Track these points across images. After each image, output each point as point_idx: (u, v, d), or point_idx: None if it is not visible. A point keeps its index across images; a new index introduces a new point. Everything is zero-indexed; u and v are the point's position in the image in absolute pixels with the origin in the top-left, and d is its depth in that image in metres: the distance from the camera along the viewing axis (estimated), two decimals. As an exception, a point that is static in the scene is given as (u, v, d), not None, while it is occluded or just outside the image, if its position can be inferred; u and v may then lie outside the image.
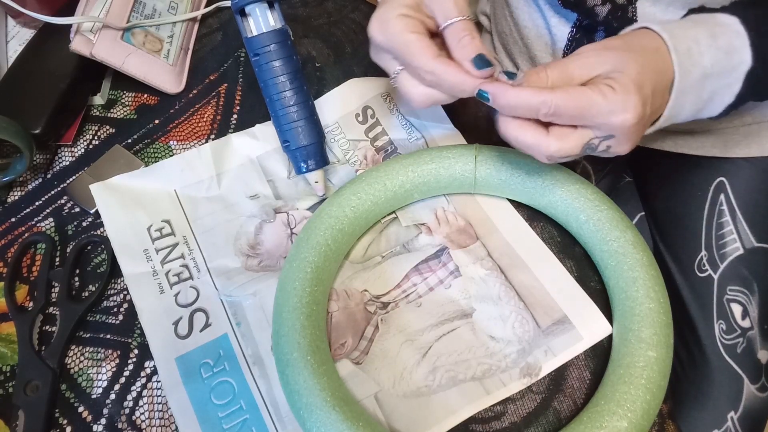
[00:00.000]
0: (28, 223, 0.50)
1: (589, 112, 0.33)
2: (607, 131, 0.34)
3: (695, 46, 0.36)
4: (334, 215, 0.44)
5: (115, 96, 0.57)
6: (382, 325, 0.43)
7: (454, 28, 0.37)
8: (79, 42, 0.52)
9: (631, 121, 0.33)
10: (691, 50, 0.36)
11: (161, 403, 0.41)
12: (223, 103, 0.56)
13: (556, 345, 0.42)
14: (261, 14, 0.46)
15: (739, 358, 0.52)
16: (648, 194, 0.63)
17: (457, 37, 0.37)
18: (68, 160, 0.53)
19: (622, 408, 0.36)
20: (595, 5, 0.45)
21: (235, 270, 0.46)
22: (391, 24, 0.38)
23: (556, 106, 0.33)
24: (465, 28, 0.37)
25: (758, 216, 0.54)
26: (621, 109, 0.33)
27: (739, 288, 0.53)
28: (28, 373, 0.42)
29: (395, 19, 0.38)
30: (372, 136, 0.52)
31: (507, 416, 0.40)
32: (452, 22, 0.37)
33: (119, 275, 0.46)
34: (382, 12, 0.39)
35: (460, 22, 0.37)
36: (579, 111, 0.34)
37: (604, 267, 0.44)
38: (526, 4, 0.53)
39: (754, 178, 0.54)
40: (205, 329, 0.43)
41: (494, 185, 0.46)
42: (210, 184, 0.50)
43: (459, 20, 0.37)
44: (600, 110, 0.33)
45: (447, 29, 0.38)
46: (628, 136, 0.35)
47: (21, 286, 0.47)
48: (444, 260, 0.46)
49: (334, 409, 0.36)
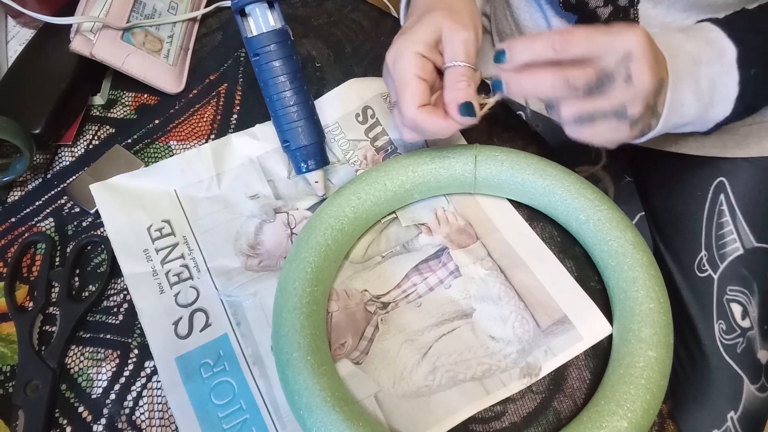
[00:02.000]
0: (28, 223, 0.50)
1: (597, 34, 0.34)
2: (622, 51, 0.34)
3: (673, 39, 0.37)
4: (334, 215, 0.44)
5: (115, 96, 0.57)
6: (382, 325, 0.43)
7: (455, 70, 0.39)
8: (79, 42, 0.52)
9: (642, 33, 0.33)
10: (669, 41, 0.37)
11: (161, 403, 0.41)
12: (223, 103, 0.56)
13: (556, 345, 0.42)
14: (261, 14, 0.46)
15: (738, 358, 0.52)
16: (648, 194, 0.63)
17: (455, 79, 0.39)
18: (68, 160, 0.53)
19: (622, 408, 0.36)
20: (597, 7, 0.45)
21: (235, 270, 0.46)
22: (403, 59, 0.39)
23: (566, 34, 0.33)
24: (465, 74, 0.39)
25: (758, 216, 0.54)
26: (628, 28, 0.34)
27: (739, 288, 0.53)
28: (28, 373, 0.42)
29: (409, 55, 0.39)
30: (372, 136, 0.52)
31: (507, 416, 0.40)
32: (456, 65, 0.39)
33: (119, 275, 0.46)
34: (401, 41, 0.40)
35: (463, 68, 0.39)
36: (588, 34, 0.34)
37: (604, 267, 0.44)
38: (527, 3, 0.53)
39: (754, 178, 0.54)
40: (205, 329, 0.43)
41: (494, 185, 0.46)
42: (210, 184, 0.50)
43: (463, 65, 0.39)
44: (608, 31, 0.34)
45: (449, 69, 0.40)
46: (646, 56, 0.34)
47: (21, 286, 0.47)
48: (444, 260, 0.46)
49: (334, 409, 0.36)
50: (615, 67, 0.34)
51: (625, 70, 0.34)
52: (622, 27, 0.34)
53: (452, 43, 0.40)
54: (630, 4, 0.44)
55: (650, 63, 0.34)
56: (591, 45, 0.34)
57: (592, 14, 0.46)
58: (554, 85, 0.34)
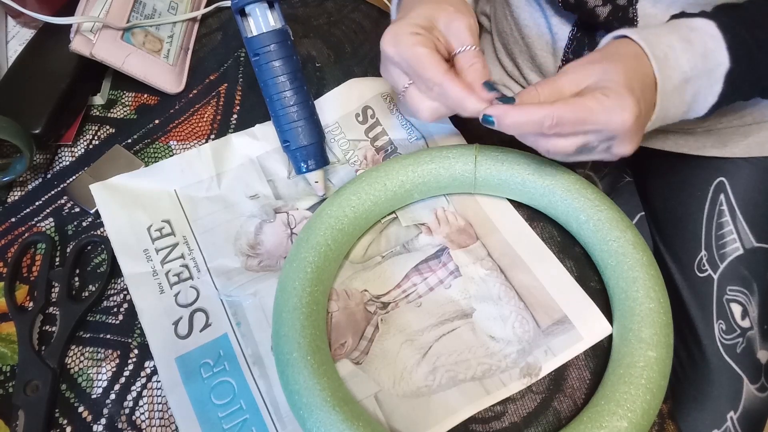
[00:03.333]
0: (28, 223, 0.50)
1: (590, 119, 0.35)
2: (608, 134, 0.36)
3: (671, 52, 0.38)
4: (334, 215, 0.44)
5: (115, 96, 0.57)
6: (382, 325, 0.43)
7: (467, 54, 0.40)
8: (79, 42, 0.52)
9: (629, 119, 0.35)
10: (668, 56, 0.38)
11: (161, 403, 0.41)
12: (223, 103, 0.56)
13: (556, 345, 0.42)
14: (261, 14, 0.46)
15: (738, 358, 0.52)
16: (648, 194, 0.63)
17: (469, 62, 0.40)
18: (68, 160, 0.53)
19: (622, 408, 0.36)
20: (596, 6, 0.45)
21: (235, 270, 0.46)
22: (404, 38, 0.40)
23: (559, 117, 0.35)
24: (477, 56, 0.40)
25: (758, 216, 0.54)
26: (619, 110, 0.35)
27: (739, 288, 0.53)
28: (28, 373, 0.42)
29: (409, 35, 0.40)
30: (372, 136, 0.52)
31: (507, 416, 0.40)
32: (467, 48, 0.40)
33: (119, 275, 0.46)
34: (395, 27, 0.41)
35: (473, 50, 0.40)
36: (580, 118, 0.35)
37: (604, 267, 0.44)
38: (527, 3, 0.53)
39: (754, 178, 0.54)
40: (205, 329, 0.43)
41: (494, 185, 0.46)
42: (210, 184, 0.50)
43: (472, 48, 0.40)
44: (599, 115, 0.35)
45: (460, 54, 0.40)
46: (629, 136, 0.36)
47: (21, 286, 0.47)
48: (444, 260, 0.46)
49: (334, 409, 0.36)
50: (598, 144, 0.37)
51: (606, 143, 0.37)
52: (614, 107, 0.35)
53: (456, 29, 0.40)
54: (629, 4, 0.44)
55: (633, 143, 0.37)
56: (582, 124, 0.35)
57: (591, 13, 0.46)
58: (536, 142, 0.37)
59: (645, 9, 0.44)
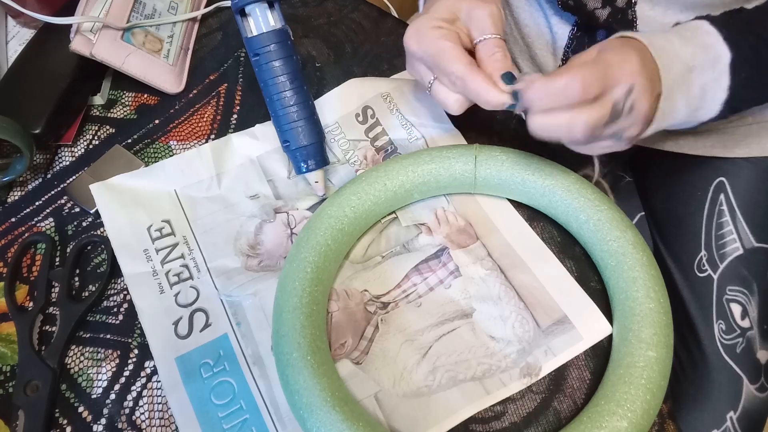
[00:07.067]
0: (28, 223, 0.50)
1: (608, 72, 0.35)
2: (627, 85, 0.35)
3: (669, 45, 0.38)
4: (334, 215, 0.44)
5: (115, 96, 0.57)
6: (382, 325, 0.43)
7: (488, 43, 0.40)
8: (79, 42, 0.52)
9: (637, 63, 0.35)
10: (665, 48, 0.38)
11: (161, 403, 0.41)
12: (223, 103, 0.56)
13: (556, 345, 0.42)
14: (261, 14, 0.46)
15: (738, 358, 0.52)
16: (648, 194, 0.63)
17: (489, 52, 0.39)
18: (68, 160, 0.53)
19: (622, 408, 0.36)
20: (595, 8, 0.45)
21: (235, 270, 0.46)
22: (426, 33, 0.40)
23: (582, 77, 0.34)
24: (498, 45, 0.40)
25: (758, 216, 0.54)
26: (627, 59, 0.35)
27: (739, 288, 0.53)
28: (28, 373, 0.42)
29: (431, 29, 0.40)
30: (372, 136, 0.52)
31: (507, 416, 0.40)
32: (487, 37, 0.40)
33: (119, 275, 0.46)
34: (417, 23, 0.40)
35: (494, 39, 0.40)
36: (601, 74, 0.34)
37: (604, 267, 0.44)
38: (527, 3, 0.53)
39: (754, 178, 0.54)
40: (205, 329, 0.43)
41: (494, 185, 0.46)
42: (210, 184, 0.50)
43: (494, 37, 0.40)
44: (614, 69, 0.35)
45: (481, 43, 0.40)
46: (645, 85, 0.35)
47: (21, 286, 0.47)
48: (444, 260, 0.46)
49: (334, 409, 0.36)
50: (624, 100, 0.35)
51: (629, 97, 0.35)
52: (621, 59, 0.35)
53: (477, 18, 0.40)
54: (628, 5, 0.44)
55: (648, 91, 0.36)
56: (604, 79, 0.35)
57: (591, 15, 0.46)
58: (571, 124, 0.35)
59: (644, 11, 0.44)
